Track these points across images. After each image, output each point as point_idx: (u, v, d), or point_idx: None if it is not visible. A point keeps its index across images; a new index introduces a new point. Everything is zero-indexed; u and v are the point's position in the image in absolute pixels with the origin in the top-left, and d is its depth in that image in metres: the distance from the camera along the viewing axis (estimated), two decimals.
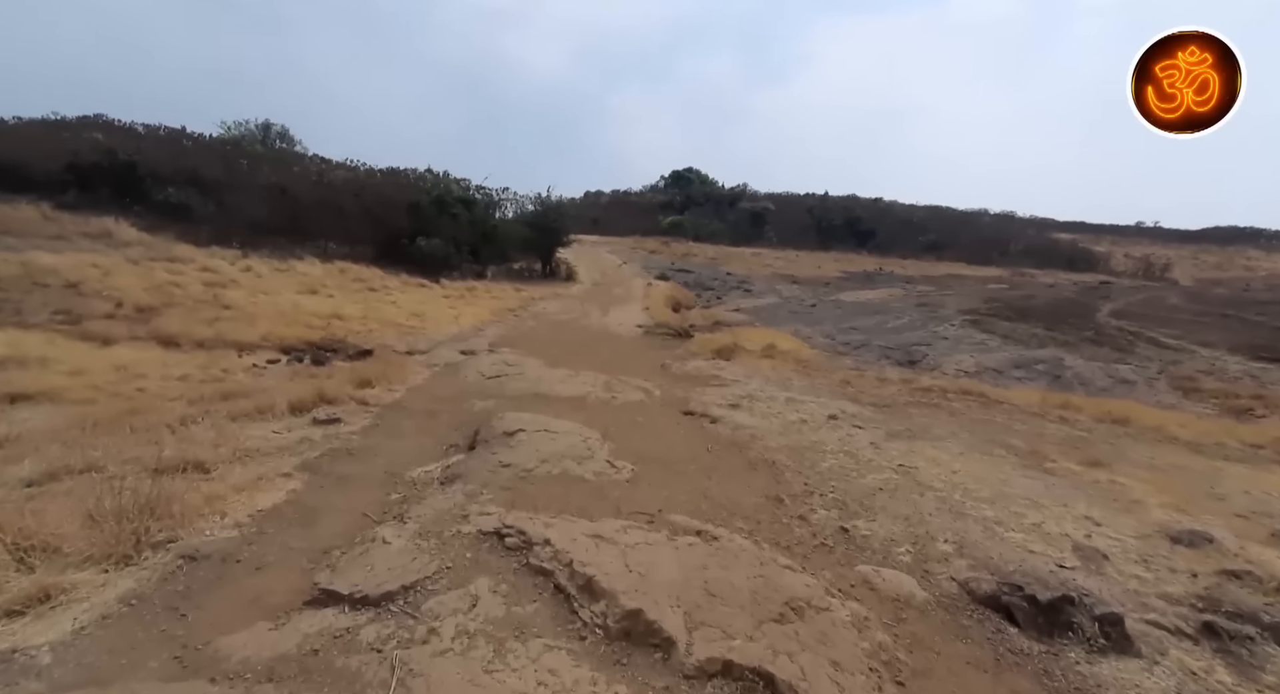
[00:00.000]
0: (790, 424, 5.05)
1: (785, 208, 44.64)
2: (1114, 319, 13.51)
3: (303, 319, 9.75)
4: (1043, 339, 11.37)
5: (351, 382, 5.54)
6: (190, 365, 6.51)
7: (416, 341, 9.66)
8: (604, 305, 15.47)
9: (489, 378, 6.39)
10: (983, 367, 9.45)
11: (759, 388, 6.81)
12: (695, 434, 4.70)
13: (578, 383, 6.31)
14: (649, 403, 5.79)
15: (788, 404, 5.89)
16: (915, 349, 10.71)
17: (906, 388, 7.48)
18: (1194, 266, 43.91)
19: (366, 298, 12.66)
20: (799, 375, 8.03)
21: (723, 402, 5.92)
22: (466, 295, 14.71)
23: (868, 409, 5.92)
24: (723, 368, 8.29)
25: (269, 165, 20.22)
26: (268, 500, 2.96)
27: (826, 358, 10.25)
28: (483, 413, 5.04)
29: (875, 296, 20.43)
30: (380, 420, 4.74)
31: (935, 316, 14.62)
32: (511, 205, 22.84)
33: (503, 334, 10.97)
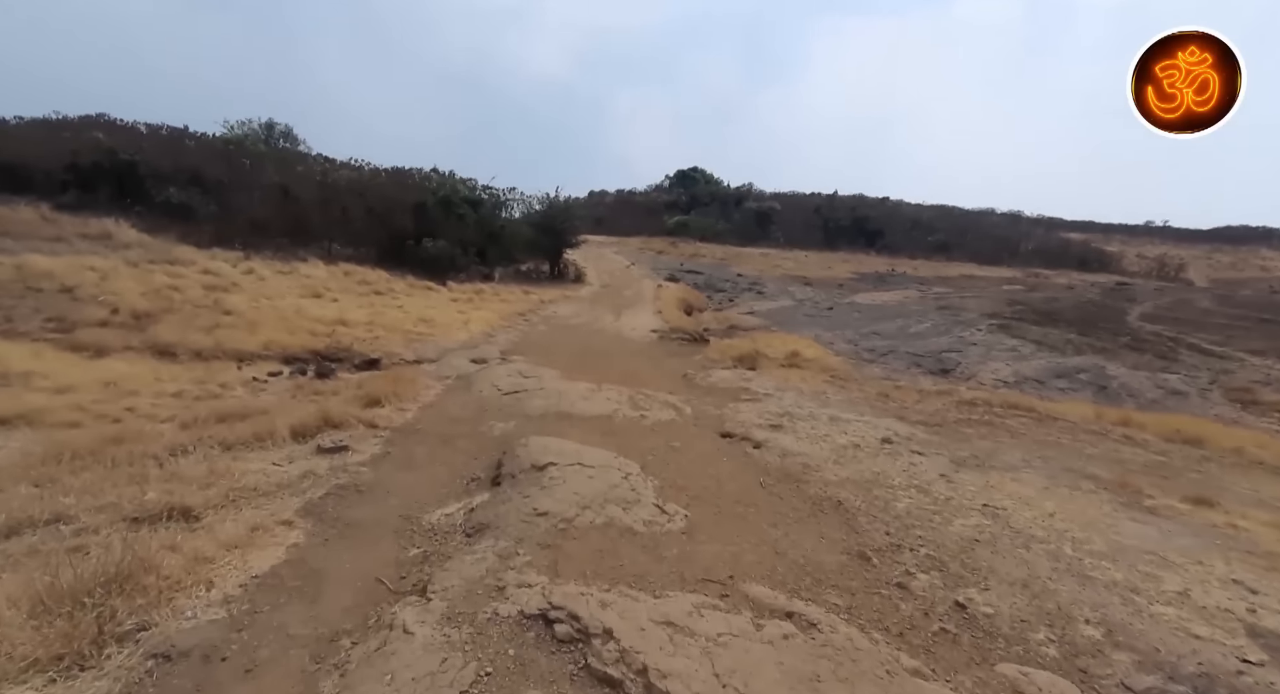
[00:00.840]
0: (842, 450, 4.56)
1: (791, 207, 44.02)
2: (1147, 323, 12.97)
3: (306, 325, 9.30)
4: (1078, 345, 10.85)
5: (358, 400, 5.07)
6: (186, 379, 6.05)
7: (425, 349, 9.19)
8: (615, 308, 14.99)
9: (506, 393, 5.92)
10: (1021, 376, 8.94)
11: (795, 403, 6.33)
12: (741, 463, 4.22)
13: (601, 399, 5.84)
14: (681, 423, 5.31)
15: (832, 424, 5.40)
16: (946, 356, 10.20)
17: (950, 402, 6.98)
18: (1208, 267, 43.24)
19: (372, 302, 12.21)
20: (832, 387, 7.54)
21: (761, 421, 5.43)
22: (475, 299, 14.25)
23: (919, 429, 5.42)
24: (750, 379, 7.81)
25: (272, 165, 19.79)
26: (264, 561, 2.49)
27: (854, 366, 9.76)
28: (503, 437, 4.57)
29: (891, 299, 19.91)
30: (391, 447, 4.27)
31: (959, 321, 14.10)
32: (518, 206, 22.38)
33: (514, 340, 10.51)
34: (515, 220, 21.56)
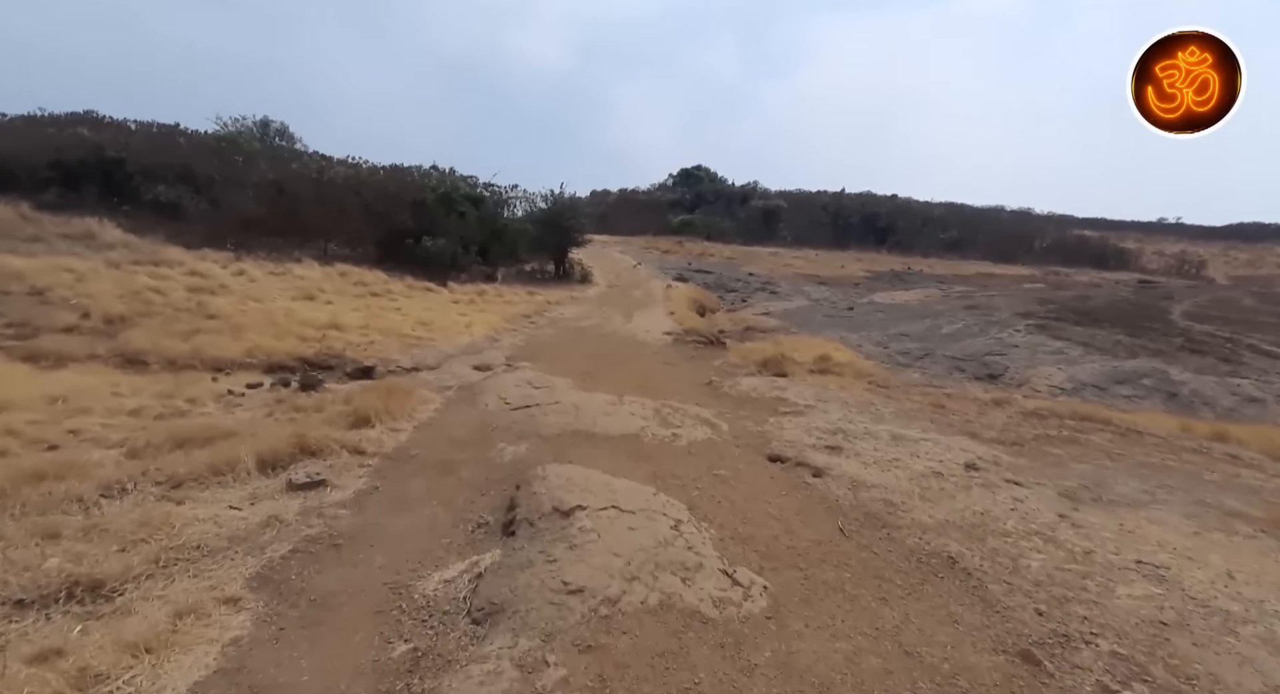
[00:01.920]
0: (922, 479, 3.79)
1: (798, 205, 43.14)
2: (1195, 323, 12.15)
3: (295, 330, 8.54)
4: (1130, 348, 10.04)
5: (345, 419, 4.31)
6: (150, 393, 5.29)
7: (424, 355, 8.43)
8: (625, 310, 14.22)
9: (515, 408, 5.15)
10: (1078, 382, 8.14)
11: (844, 417, 5.55)
12: (806, 498, 3.44)
13: (625, 414, 5.07)
14: (721, 443, 4.53)
15: (897, 444, 4.62)
16: (990, 360, 9.40)
17: (1014, 414, 6.19)
18: (1226, 264, 42.24)
19: (368, 304, 11.46)
20: (878, 397, 6.75)
21: (813, 440, 4.65)
22: (477, 300, 13.49)
23: (999, 450, 4.64)
24: (783, 388, 7.03)
25: (265, 162, 19.06)
26: (184, 677, 1.72)
27: (891, 372, 8.97)
28: (516, 464, 3.80)
29: (912, 298, 19.11)
30: (379, 480, 3.50)
31: (992, 321, 13.28)
32: (522, 203, 21.59)
33: (520, 345, 9.74)
34: (518, 219, 20.80)
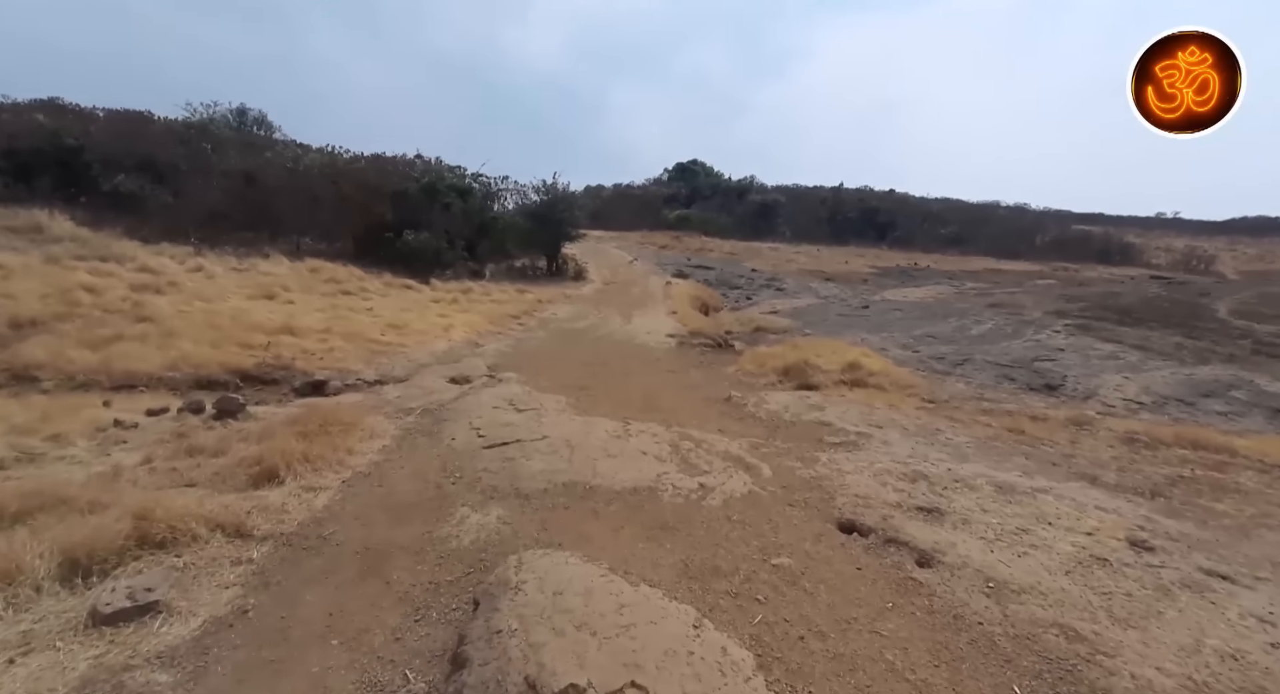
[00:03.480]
0: (1086, 573, 2.61)
1: (796, 200, 42.02)
2: (1254, 324, 11.06)
3: (240, 335, 7.26)
4: (1196, 352, 8.92)
5: (244, 471, 3.07)
6: (2, 427, 4.04)
7: (392, 365, 7.19)
8: (624, 309, 13.00)
9: (490, 444, 3.93)
10: (1156, 394, 7.00)
11: (912, 451, 4.36)
12: (931, 623, 2.27)
13: (633, 451, 3.86)
14: (767, 500, 3.34)
15: (1006, 497, 3.43)
16: (1042, 367, 8.25)
17: (1112, 442, 5.03)
18: (1233, 259, 41.37)
19: (336, 304, 10.17)
20: (938, 419, 5.58)
21: (893, 495, 3.45)
22: (461, 299, 12.23)
23: (1140, 504, 3.48)
24: (820, 406, 5.84)
25: (235, 150, 17.63)
26: None
27: (932, 381, 7.79)
28: (479, 551, 2.60)
29: (926, 295, 17.97)
30: (256, 594, 2.28)
31: (1024, 321, 12.15)
32: (512, 196, 20.24)
33: (505, 351, 8.51)
34: (509, 212, 19.49)
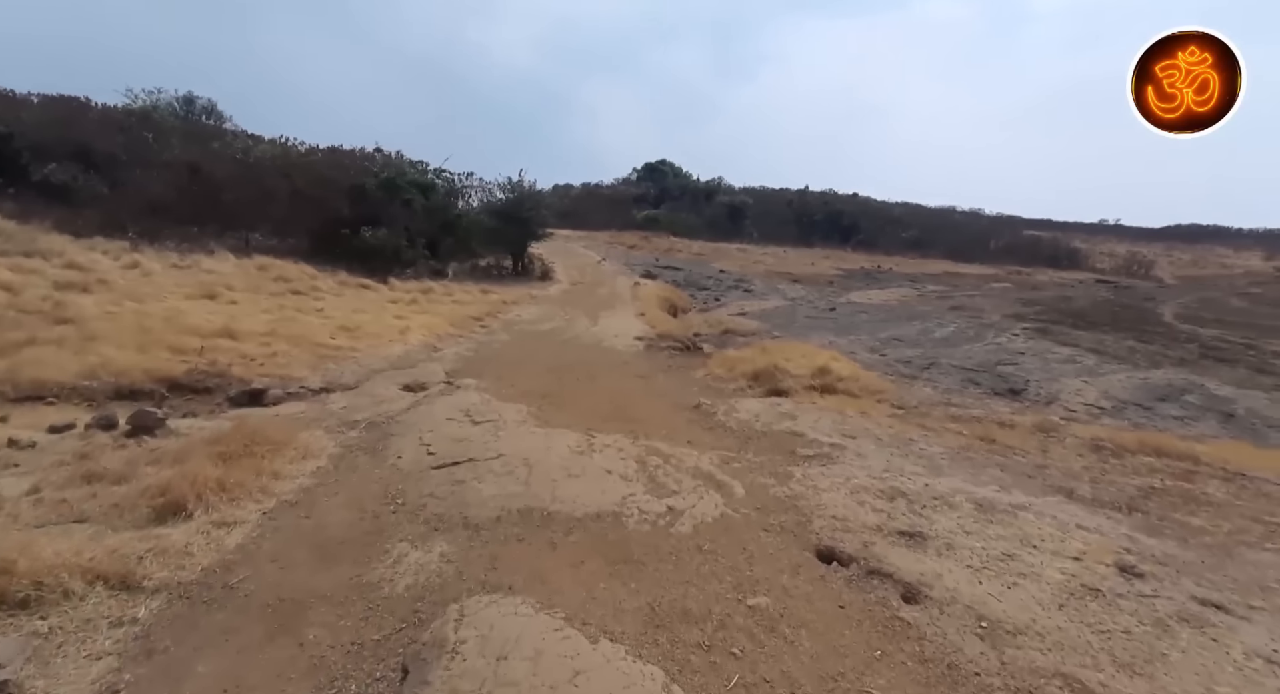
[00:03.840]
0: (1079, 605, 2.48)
1: (763, 202, 42.50)
2: (1198, 328, 11.52)
3: (173, 339, 6.71)
4: (1149, 356, 9.18)
5: (144, 505, 2.69)
6: None
7: (340, 371, 6.75)
8: (591, 310, 12.72)
9: (440, 464, 3.61)
10: (1115, 399, 7.12)
11: (887, 464, 4.24)
12: (925, 673, 2.07)
13: (597, 470, 3.61)
14: (740, 524, 3.14)
15: (986, 517, 3.32)
16: (1004, 371, 8.34)
17: (1080, 449, 5.03)
18: (1171, 264, 43.61)
19: (284, 305, 9.59)
20: (909, 427, 5.50)
21: (872, 516, 3.30)
22: (420, 299, 11.73)
23: (1119, 521, 3.41)
24: (792, 415, 5.70)
25: (179, 140, 16.58)
26: None
27: (900, 385, 7.77)
28: (414, 600, 2.30)
29: (890, 298, 18.24)
30: (139, 659, 1.95)
31: (984, 324, 12.38)
32: (478, 193, 19.66)
33: (466, 355, 8.13)
34: (474, 210, 18.92)
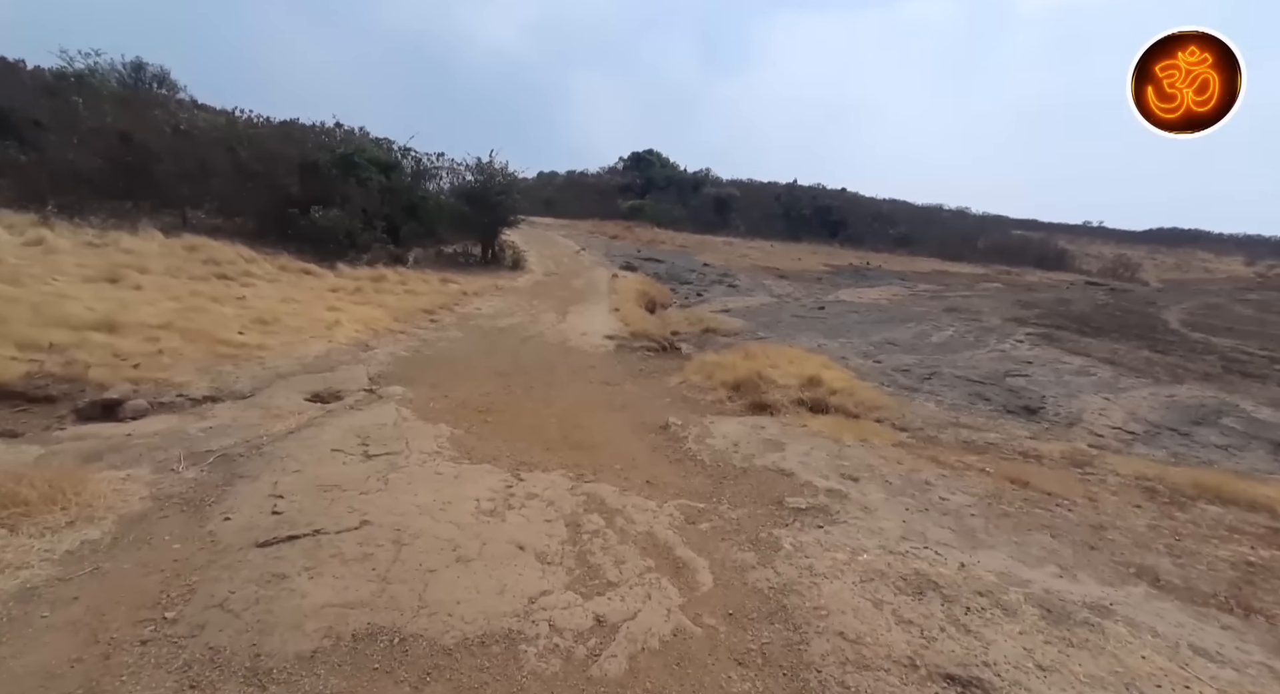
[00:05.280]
0: None
1: (751, 195, 41.56)
2: (1210, 337, 10.77)
3: (30, 332, 5.49)
4: (1169, 368, 8.34)
5: None
6: None
7: (238, 375, 5.59)
8: (560, 304, 11.61)
9: (268, 541, 2.52)
10: (1144, 421, 6.23)
11: (904, 527, 3.24)
12: None
13: (503, 545, 2.57)
14: (702, 656, 2.13)
15: (1061, 636, 2.33)
16: (1014, 384, 7.43)
17: (1137, 495, 4.09)
18: (1155, 267, 43.59)
19: (198, 291, 8.32)
20: (922, 461, 4.52)
21: (905, 647, 2.28)
22: (366, 288, 10.51)
23: (1247, 634, 2.45)
24: (778, 443, 4.70)
25: (113, 106, 14.99)
26: None
27: (900, 400, 6.82)
28: None
29: (881, 297, 17.37)
30: None
31: (984, 327, 11.52)
32: (448, 175, 18.27)
33: (403, 355, 7.00)
34: (442, 193, 17.58)
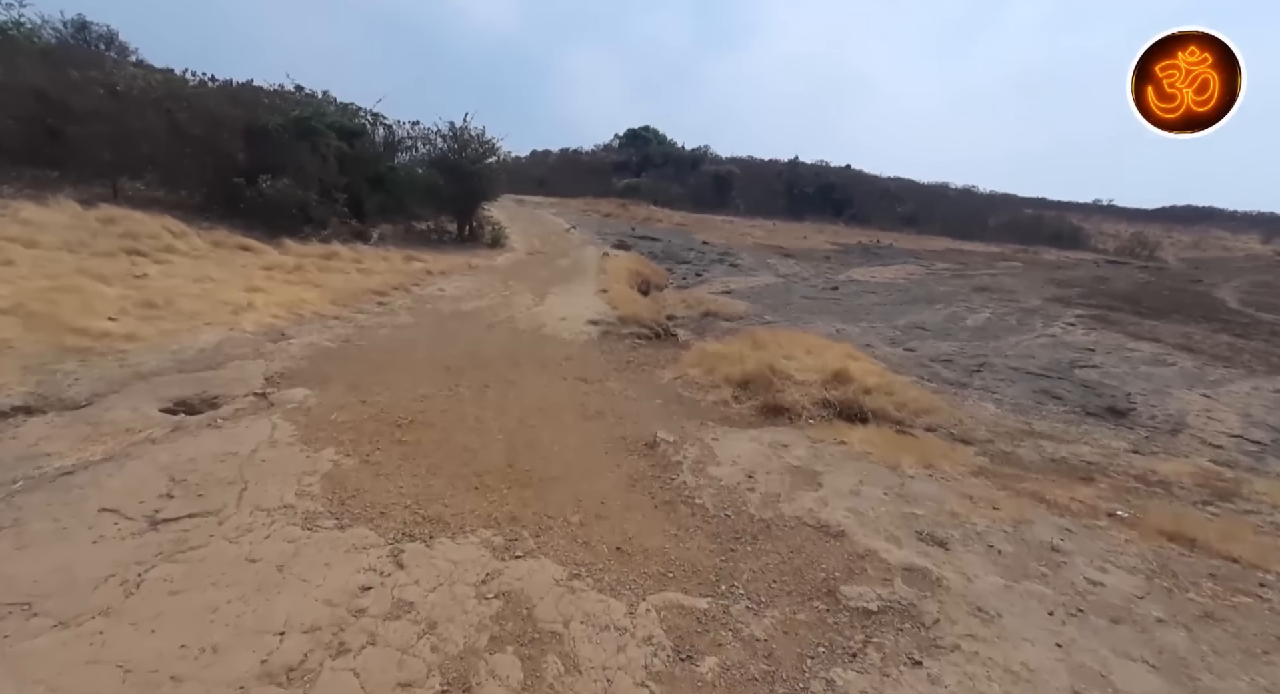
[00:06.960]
0: None
1: (751, 172, 39.84)
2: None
3: None
4: (1262, 356, 6.96)
5: None
6: None
7: (81, 375, 4.16)
8: (540, 285, 10.16)
9: None
10: (1268, 426, 4.85)
11: (1073, 667, 1.85)
12: None
13: None
14: None
15: None
16: (1088, 379, 6.03)
17: None
18: (1172, 246, 42.09)
19: (86, 269, 6.83)
20: (1016, 499, 3.12)
21: None
22: (309, 266, 9.02)
23: None
24: (811, 473, 3.35)
25: (32, 63, 13.25)
26: None
27: (947, 398, 5.42)
28: None
29: (896, 276, 15.92)
30: None
31: (1022, 308, 10.11)
32: (424, 146, 16.56)
33: (326, 345, 5.55)
34: (414, 163, 15.95)
